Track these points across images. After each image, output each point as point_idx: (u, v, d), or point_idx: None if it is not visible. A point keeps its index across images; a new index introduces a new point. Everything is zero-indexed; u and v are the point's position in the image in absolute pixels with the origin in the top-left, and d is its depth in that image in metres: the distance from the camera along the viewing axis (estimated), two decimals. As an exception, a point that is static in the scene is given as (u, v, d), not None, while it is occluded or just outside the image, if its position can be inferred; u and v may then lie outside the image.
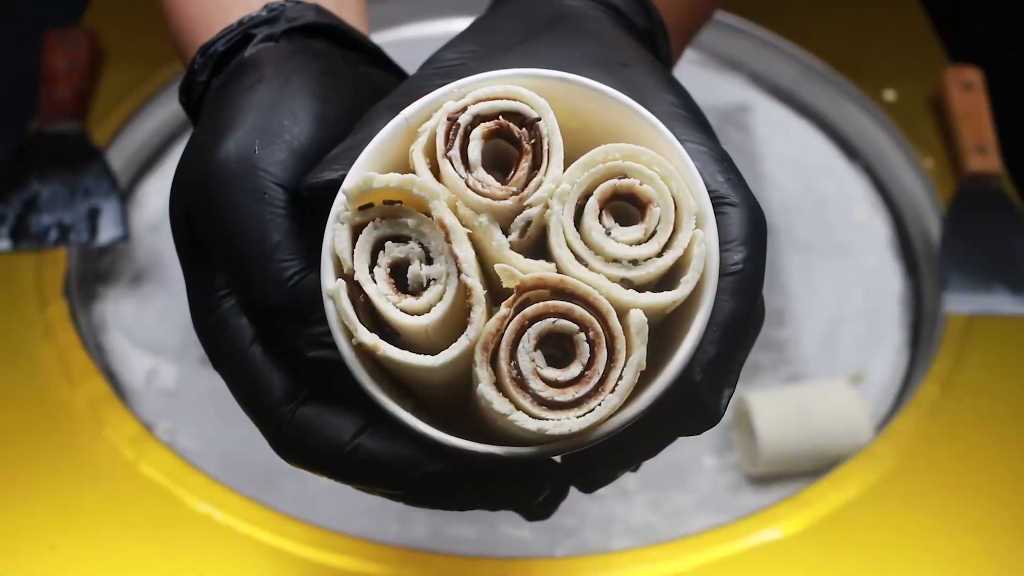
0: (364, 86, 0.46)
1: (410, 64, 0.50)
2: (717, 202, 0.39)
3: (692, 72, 1.09)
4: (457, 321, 0.37)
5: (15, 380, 0.81)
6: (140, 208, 0.97)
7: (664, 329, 0.39)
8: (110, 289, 0.92)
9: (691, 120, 0.42)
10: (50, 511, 0.74)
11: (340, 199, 0.38)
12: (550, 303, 0.37)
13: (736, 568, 0.72)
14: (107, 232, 0.90)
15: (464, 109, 0.38)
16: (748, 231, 0.39)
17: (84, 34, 1.02)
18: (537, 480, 0.42)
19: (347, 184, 0.38)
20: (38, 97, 0.98)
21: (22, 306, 0.86)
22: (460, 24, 0.51)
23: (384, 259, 0.38)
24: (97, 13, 1.08)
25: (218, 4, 0.50)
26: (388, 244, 0.38)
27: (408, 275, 0.38)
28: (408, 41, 1.08)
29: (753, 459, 0.81)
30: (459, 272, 0.37)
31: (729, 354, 0.39)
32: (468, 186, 0.38)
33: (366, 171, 0.38)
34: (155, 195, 0.99)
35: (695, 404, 0.39)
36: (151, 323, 0.89)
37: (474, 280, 0.37)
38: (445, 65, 0.45)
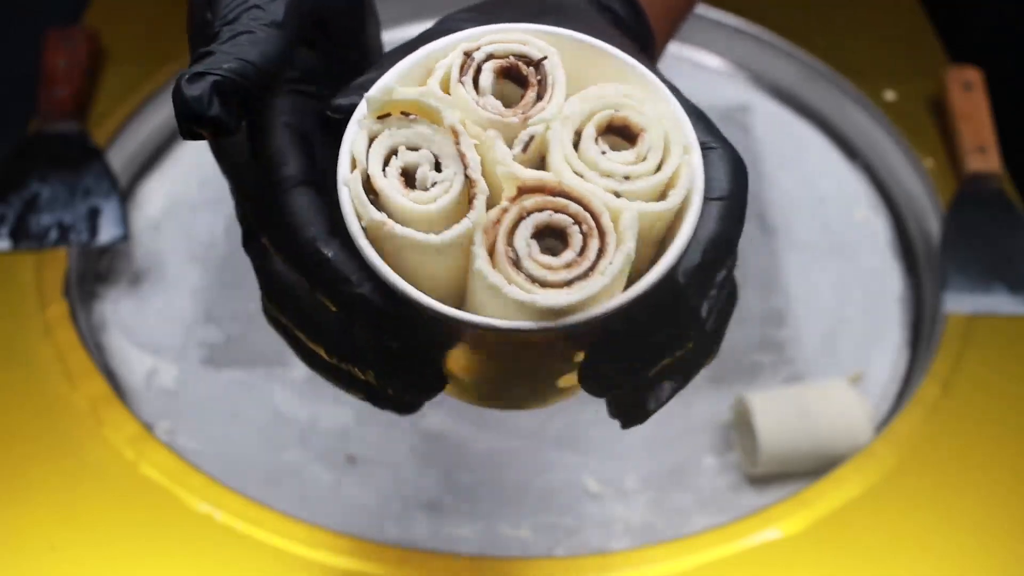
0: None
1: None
2: (701, 145, 0.42)
3: (692, 72, 1.09)
4: (460, 215, 0.40)
5: (15, 380, 0.81)
6: (140, 208, 0.97)
7: (651, 253, 0.42)
8: (110, 289, 0.92)
9: (682, 97, 0.45)
10: (50, 511, 0.74)
11: (362, 106, 0.41)
12: (548, 199, 0.39)
13: (736, 568, 0.72)
14: (107, 232, 0.90)
15: (478, 47, 0.42)
16: (731, 169, 0.42)
17: (84, 34, 1.02)
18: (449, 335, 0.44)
19: (370, 92, 0.41)
20: (38, 97, 0.98)
21: (22, 306, 0.86)
22: (460, 24, 0.52)
23: (396, 162, 0.41)
24: (97, 13, 1.08)
25: None
26: (401, 150, 0.41)
27: (416, 176, 0.41)
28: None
29: (753, 459, 0.81)
30: (465, 168, 0.40)
31: (711, 267, 0.41)
32: (478, 105, 0.41)
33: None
34: (155, 195, 0.99)
35: (679, 305, 0.41)
36: (151, 323, 0.89)
37: (479, 175, 0.40)
38: (457, 20, 0.47)
